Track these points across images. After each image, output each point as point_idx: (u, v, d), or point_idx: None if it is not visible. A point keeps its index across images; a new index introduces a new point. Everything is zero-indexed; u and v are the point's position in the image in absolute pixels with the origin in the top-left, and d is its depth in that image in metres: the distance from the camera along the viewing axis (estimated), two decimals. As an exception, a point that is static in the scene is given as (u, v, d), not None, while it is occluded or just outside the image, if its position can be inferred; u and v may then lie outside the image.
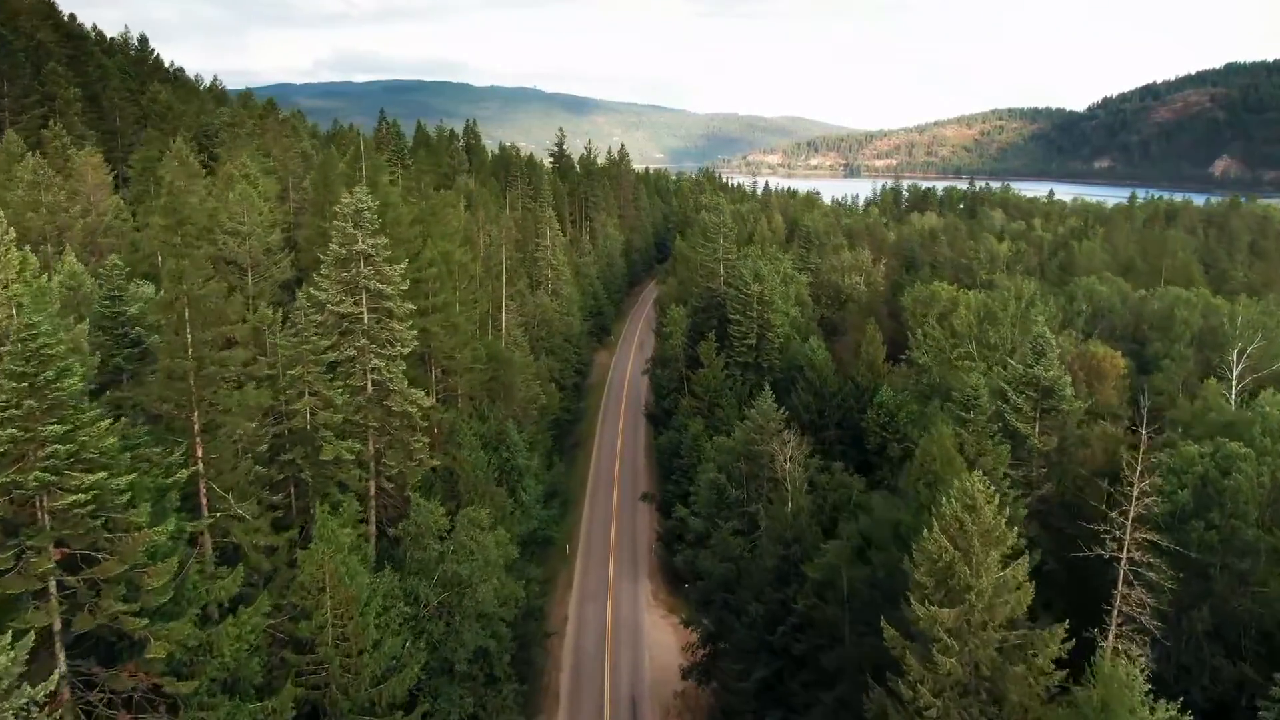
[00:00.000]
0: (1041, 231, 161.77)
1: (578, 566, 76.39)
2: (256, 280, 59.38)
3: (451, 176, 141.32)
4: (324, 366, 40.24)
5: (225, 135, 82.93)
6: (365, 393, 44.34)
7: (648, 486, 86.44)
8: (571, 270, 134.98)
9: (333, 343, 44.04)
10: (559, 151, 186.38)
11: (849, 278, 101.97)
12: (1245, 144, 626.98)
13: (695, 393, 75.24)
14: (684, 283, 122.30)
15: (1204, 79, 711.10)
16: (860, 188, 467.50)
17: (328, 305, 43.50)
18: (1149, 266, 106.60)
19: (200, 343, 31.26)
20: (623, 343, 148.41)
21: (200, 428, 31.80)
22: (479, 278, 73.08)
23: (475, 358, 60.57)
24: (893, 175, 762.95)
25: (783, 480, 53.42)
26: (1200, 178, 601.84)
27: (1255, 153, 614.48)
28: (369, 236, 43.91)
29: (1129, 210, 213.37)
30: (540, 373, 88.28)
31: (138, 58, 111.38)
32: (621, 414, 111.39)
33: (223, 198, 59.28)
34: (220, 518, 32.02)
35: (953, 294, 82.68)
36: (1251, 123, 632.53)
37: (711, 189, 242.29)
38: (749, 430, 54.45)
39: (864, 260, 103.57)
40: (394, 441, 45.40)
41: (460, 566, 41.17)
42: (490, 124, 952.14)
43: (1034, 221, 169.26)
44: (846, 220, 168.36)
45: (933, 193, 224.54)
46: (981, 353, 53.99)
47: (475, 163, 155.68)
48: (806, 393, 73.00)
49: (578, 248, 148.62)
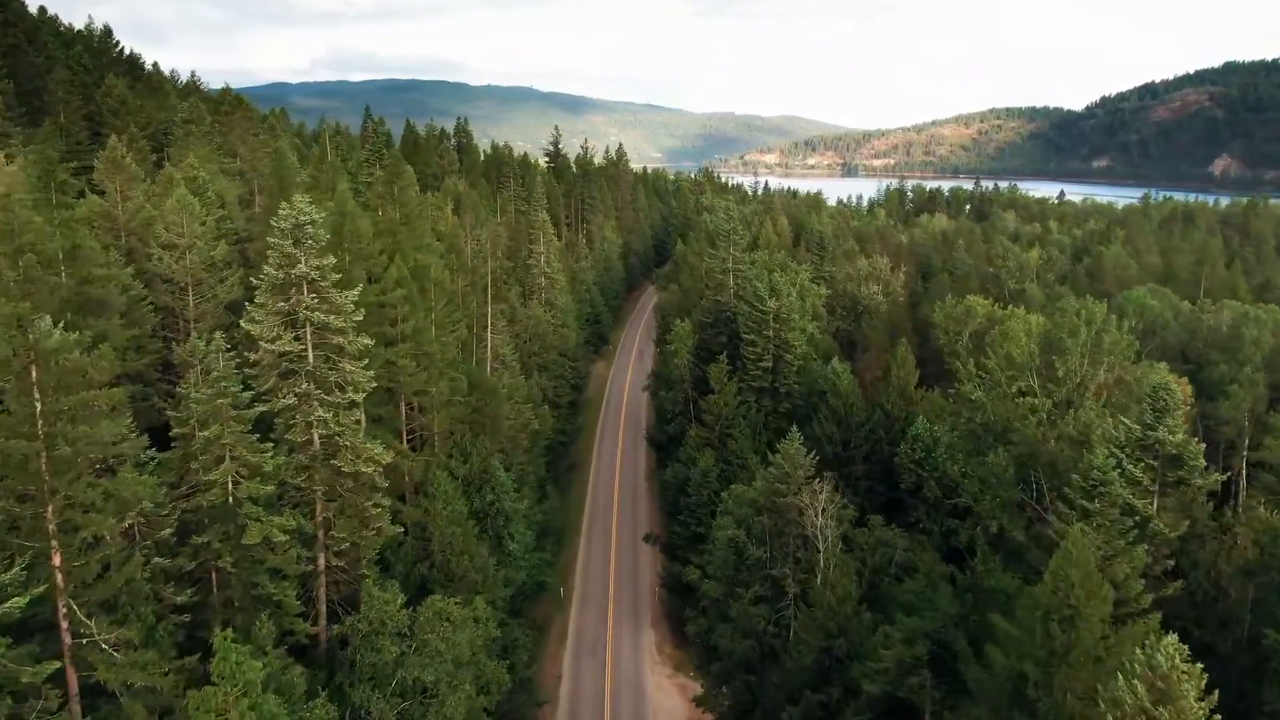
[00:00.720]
0: (1059, 235, 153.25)
1: (573, 614, 67.83)
2: (198, 301, 50.68)
3: (441, 177, 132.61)
4: (249, 424, 31.59)
5: (180, 133, 73.99)
6: (309, 449, 35.73)
7: (650, 523, 77.84)
8: (567, 277, 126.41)
9: (270, 386, 35.46)
10: (554, 151, 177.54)
11: (866, 287, 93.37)
12: (1245, 143, 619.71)
13: (704, 421, 66.71)
14: (687, 292, 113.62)
15: (1203, 78, 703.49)
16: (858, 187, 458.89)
17: (262, 342, 34.89)
18: (1189, 275, 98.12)
19: (54, 414, 22.66)
20: (621, 352, 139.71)
21: (56, 528, 23.19)
22: (462, 293, 64.45)
23: (454, 389, 51.97)
24: (891, 175, 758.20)
25: (814, 538, 44.99)
26: (1200, 177, 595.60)
27: (1255, 152, 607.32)
28: (313, 256, 35.28)
29: (1144, 211, 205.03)
30: (532, 394, 79.68)
31: (100, 49, 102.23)
32: (620, 434, 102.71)
33: (160, 205, 50.51)
34: (86, 646, 23.43)
35: (988, 309, 74.21)
36: (1251, 122, 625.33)
37: (712, 189, 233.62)
38: (772, 479, 46.00)
39: (882, 268, 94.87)
40: (346, 507, 36.77)
41: (424, 672, 32.59)
42: (486, 123, 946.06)
43: (1049, 224, 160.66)
44: (855, 223, 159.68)
45: (938, 193, 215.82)
46: (1045, 387, 45.64)
47: (466, 163, 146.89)
48: (830, 422, 64.46)
49: (574, 252, 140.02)
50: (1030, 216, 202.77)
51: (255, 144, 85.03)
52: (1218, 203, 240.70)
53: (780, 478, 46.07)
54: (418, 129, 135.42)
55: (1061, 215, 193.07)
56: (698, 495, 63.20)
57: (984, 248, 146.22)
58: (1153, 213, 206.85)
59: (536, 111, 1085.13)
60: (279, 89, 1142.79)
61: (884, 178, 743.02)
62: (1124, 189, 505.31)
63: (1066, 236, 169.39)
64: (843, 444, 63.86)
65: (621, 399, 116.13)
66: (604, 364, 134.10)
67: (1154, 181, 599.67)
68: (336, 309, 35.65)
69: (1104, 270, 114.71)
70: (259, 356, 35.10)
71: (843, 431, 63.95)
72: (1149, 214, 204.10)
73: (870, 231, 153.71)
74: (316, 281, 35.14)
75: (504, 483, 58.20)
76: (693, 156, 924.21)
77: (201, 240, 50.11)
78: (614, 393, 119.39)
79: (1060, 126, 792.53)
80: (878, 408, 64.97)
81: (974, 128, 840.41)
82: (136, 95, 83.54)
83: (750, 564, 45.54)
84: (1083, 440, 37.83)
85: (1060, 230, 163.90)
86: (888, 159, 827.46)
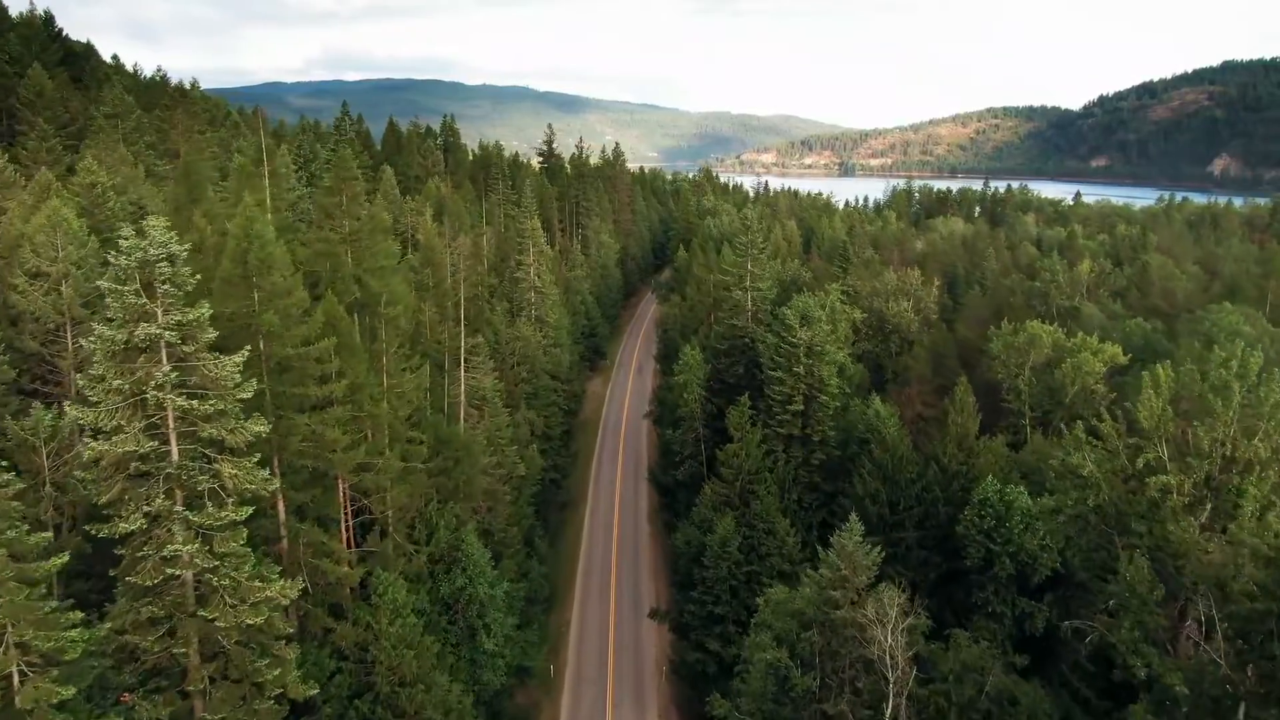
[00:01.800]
0: (1085, 240, 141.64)
1: (565, 699, 56.27)
2: (78, 346, 38.89)
3: (425, 179, 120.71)
4: (45, 583, 19.83)
5: (103, 129, 61.77)
6: (170, 593, 24.03)
7: (654, 588, 66.20)
8: (561, 289, 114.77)
9: (112, 497, 23.78)
10: (548, 150, 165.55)
11: (895, 303, 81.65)
12: (1244, 142, 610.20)
13: (722, 475, 55.04)
14: (694, 307, 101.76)
15: (1201, 77, 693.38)
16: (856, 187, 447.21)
17: (95, 438, 23.21)
18: (1254, 289, 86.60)
19: None
20: (619, 368, 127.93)
21: None
22: (430, 323, 52.67)
23: (410, 455, 40.26)
24: (888, 174, 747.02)
25: (879, 663, 33.44)
26: (1199, 176, 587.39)
27: (1255, 151, 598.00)
28: (175, 308, 23.57)
29: (1167, 213, 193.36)
30: (519, 432, 68.03)
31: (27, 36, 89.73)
32: (619, 467, 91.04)
33: (30, 220, 38.68)
34: None
35: (1054, 337, 62.75)
36: (1251, 121, 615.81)
37: (714, 191, 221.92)
38: (824, 585, 34.47)
39: (912, 282, 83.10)
40: (232, 668, 25.07)
41: None
42: (482, 123, 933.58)
43: (1073, 228, 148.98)
44: (869, 228, 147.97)
45: (948, 194, 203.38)
46: (1178, 460, 34.17)
47: (452, 163, 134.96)
48: (874, 478, 52.85)
49: (568, 259, 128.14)
50: (1049, 219, 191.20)
51: (201, 142, 73.11)
52: (1230, 204, 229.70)
53: (834, 582, 34.50)
54: (400, 127, 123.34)
55: (1084, 218, 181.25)
56: (716, 569, 51.55)
57: (1008, 255, 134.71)
58: (1175, 215, 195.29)
59: (532, 111, 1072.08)
60: (273, 89, 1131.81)
61: (882, 177, 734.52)
62: (1124, 188, 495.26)
63: (1093, 242, 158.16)
64: (890, 505, 52.30)
65: (620, 422, 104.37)
66: (600, 380, 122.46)
67: (1153, 181, 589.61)
68: (211, 383, 23.93)
69: (1149, 283, 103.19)
70: (96, 453, 23.37)
71: (890, 490, 52.37)
72: (1172, 215, 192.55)
73: (886, 238, 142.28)
74: (177, 345, 23.39)
75: (478, 562, 46.50)
76: (689, 156, 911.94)
77: (82, 266, 38.31)
78: (612, 415, 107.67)
79: (1058, 126, 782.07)
80: (931, 461, 53.43)
81: (971, 127, 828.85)
82: (59, 87, 71.26)
83: (796, 696, 34.02)
84: (1274, 555, 26.38)
85: (1085, 235, 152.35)
86: (885, 158, 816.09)
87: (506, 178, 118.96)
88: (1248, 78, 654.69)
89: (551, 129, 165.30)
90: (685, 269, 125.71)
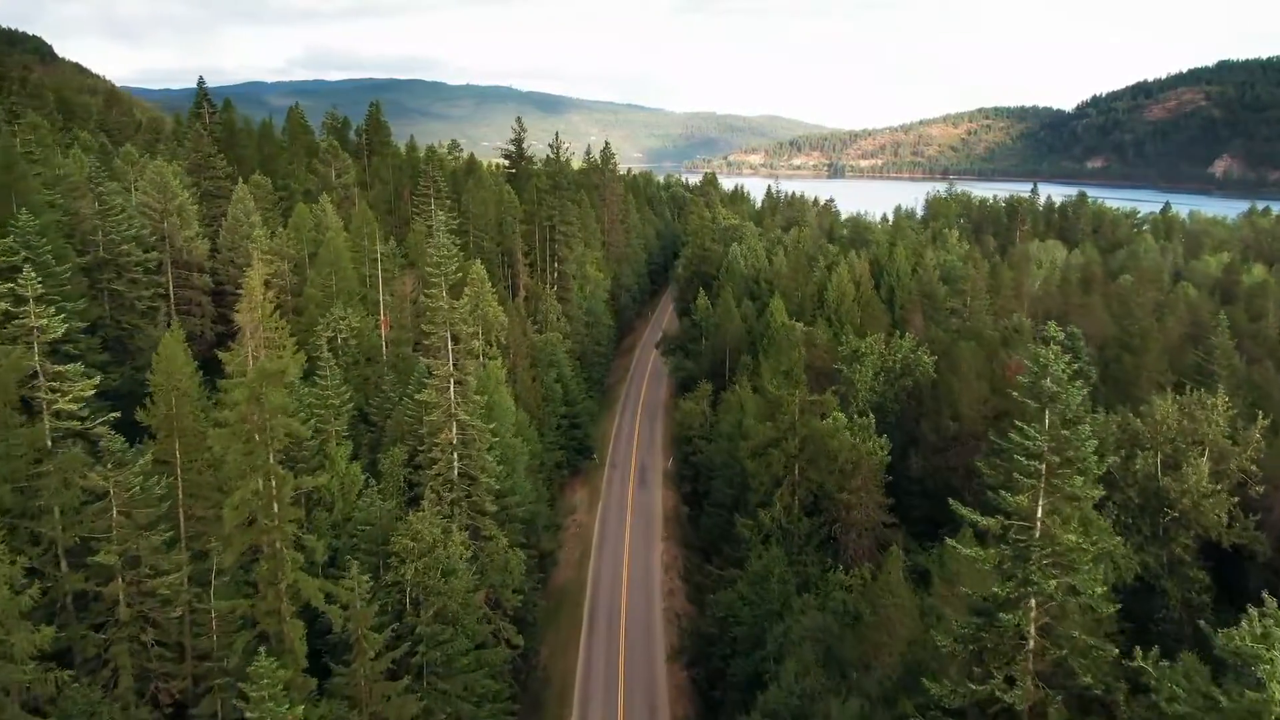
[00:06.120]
0: (1249, 275, 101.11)
1: None
2: None
3: (322, 192, 77.96)
4: None
5: None
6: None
7: None
8: (526, 363, 72.30)
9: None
10: (516, 152, 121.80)
11: (1179, 468, 39.90)
12: (1246, 143, 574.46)
13: None
14: (762, 445, 58.58)
15: (1197, 77, 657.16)
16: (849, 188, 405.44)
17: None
18: None
19: None
20: (613, 469, 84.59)
21: None
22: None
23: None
24: (878, 176, 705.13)
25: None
26: (1200, 177, 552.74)
27: (1257, 152, 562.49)
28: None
29: (1273, 231, 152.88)
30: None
31: None
32: None
33: None
34: None
35: None
36: (1252, 121, 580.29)
37: (720, 199, 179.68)
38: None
39: (1209, 415, 41.06)
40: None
41: None
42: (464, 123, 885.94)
43: (1221, 255, 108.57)
44: (942, 257, 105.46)
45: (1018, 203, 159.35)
46: None
47: (370, 170, 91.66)
48: None
49: (537, 311, 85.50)
50: (1108, 235, 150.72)
51: None
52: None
53: None
54: (271, 121, 79.54)
55: (1195, 237, 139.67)
56: None
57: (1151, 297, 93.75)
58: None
59: (515, 111, 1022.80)
60: (254, 88, 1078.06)
61: (872, 179, 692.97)
62: (1123, 190, 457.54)
63: (1214, 261, 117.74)
64: None
65: (616, 608, 61.37)
66: (588, 493, 79.73)
67: (1153, 182, 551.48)
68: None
69: None
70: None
71: None
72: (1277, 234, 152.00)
73: (968, 274, 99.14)
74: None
75: None
76: (674, 157, 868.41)
77: None
78: (605, 579, 64.87)
79: (1051, 126, 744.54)
80: None
81: (962, 128, 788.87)
82: None
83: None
84: None
85: (1221, 262, 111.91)
86: (875, 159, 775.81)
87: (442, 195, 75.62)
88: (1245, 77, 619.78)
89: (521, 124, 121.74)
90: (709, 326, 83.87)
